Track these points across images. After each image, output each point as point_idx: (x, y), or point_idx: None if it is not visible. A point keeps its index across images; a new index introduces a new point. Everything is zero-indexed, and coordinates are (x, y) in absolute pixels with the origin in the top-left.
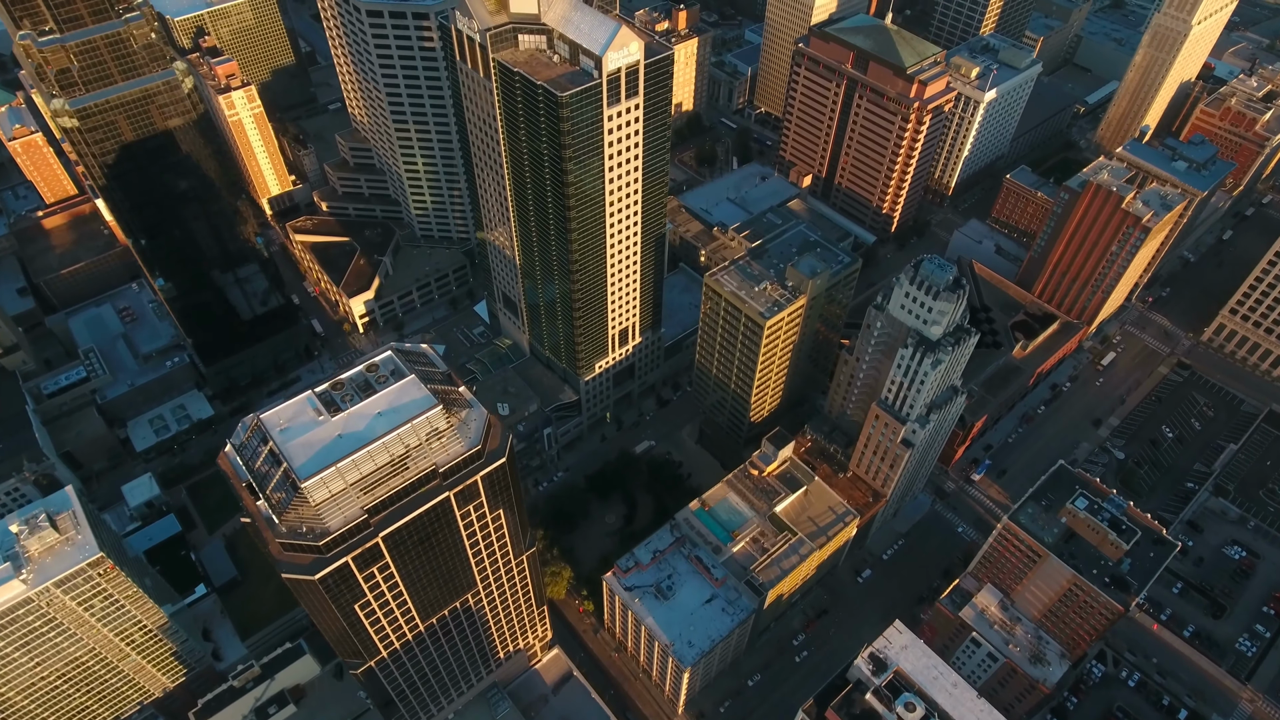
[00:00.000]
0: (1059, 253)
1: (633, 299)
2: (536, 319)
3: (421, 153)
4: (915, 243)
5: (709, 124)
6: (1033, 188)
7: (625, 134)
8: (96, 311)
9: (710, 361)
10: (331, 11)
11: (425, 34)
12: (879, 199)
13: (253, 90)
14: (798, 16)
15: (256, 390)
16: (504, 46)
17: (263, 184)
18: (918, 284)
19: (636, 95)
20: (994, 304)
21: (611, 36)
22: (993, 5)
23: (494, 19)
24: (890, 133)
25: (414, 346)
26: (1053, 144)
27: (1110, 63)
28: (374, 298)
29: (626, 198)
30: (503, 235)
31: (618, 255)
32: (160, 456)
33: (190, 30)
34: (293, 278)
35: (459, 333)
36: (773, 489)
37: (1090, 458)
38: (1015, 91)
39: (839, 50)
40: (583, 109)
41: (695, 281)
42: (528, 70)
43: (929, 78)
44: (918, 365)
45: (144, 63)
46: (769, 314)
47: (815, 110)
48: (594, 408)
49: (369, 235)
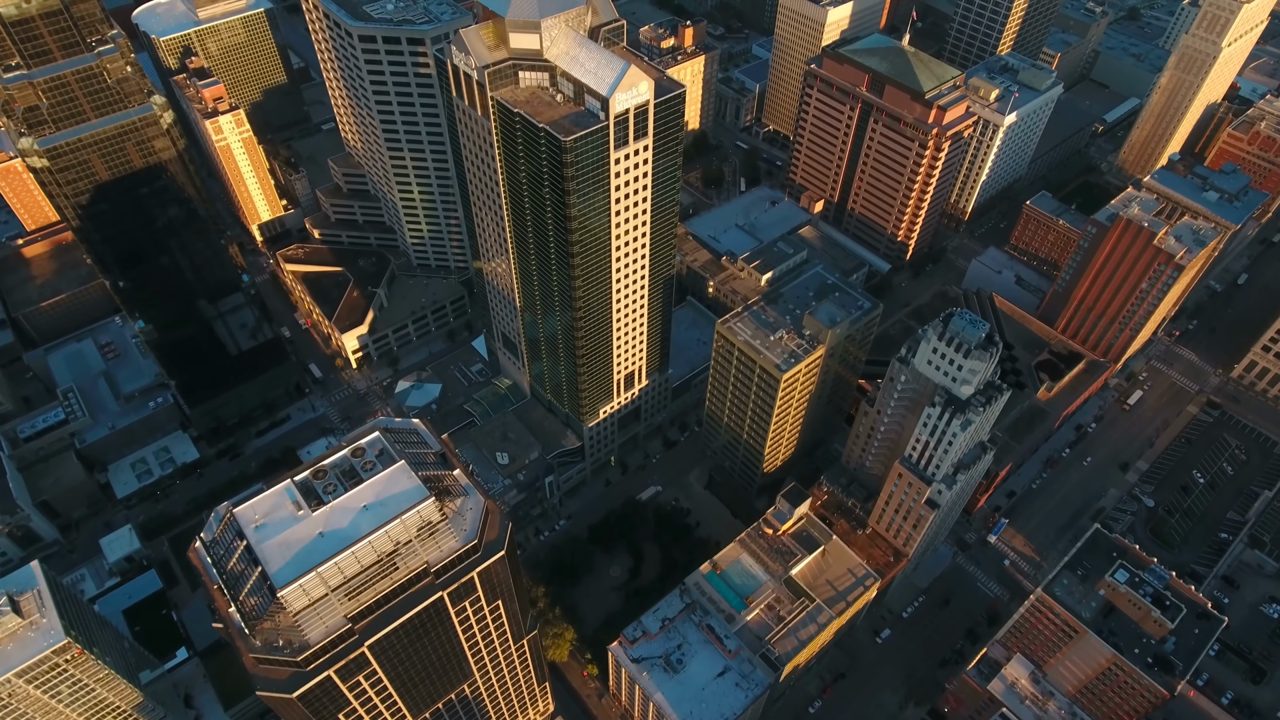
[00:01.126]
0: (1085, 288)
1: (639, 343)
2: (537, 362)
3: (418, 181)
4: (931, 270)
5: (715, 143)
6: (1054, 215)
7: (633, 176)
8: (77, 347)
9: (721, 409)
10: (323, 35)
11: (421, 60)
12: (894, 226)
13: (241, 114)
14: (808, 33)
15: (244, 430)
16: (503, 84)
17: (252, 210)
18: (947, 340)
19: (645, 136)
20: (1016, 341)
21: (619, 77)
22: (1011, 23)
23: (493, 55)
24: (907, 159)
25: (404, 423)
26: (1072, 165)
27: (1129, 79)
28: (368, 332)
29: (634, 240)
30: (501, 275)
31: (624, 298)
32: (142, 503)
33: (177, 50)
34: (284, 309)
35: (456, 370)
36: (788, 549)
37: (1119, 505)
38: (1036, 114)
39: (853, 72)
40: (588, 153)
41: (704, 316)
42: (529, 111)
43: (948, 103)
44: (945, 425)
45: (119, 97)
46: (786, 366)
47: (827, 133)
48: (598, 453)
49: (363, 265)
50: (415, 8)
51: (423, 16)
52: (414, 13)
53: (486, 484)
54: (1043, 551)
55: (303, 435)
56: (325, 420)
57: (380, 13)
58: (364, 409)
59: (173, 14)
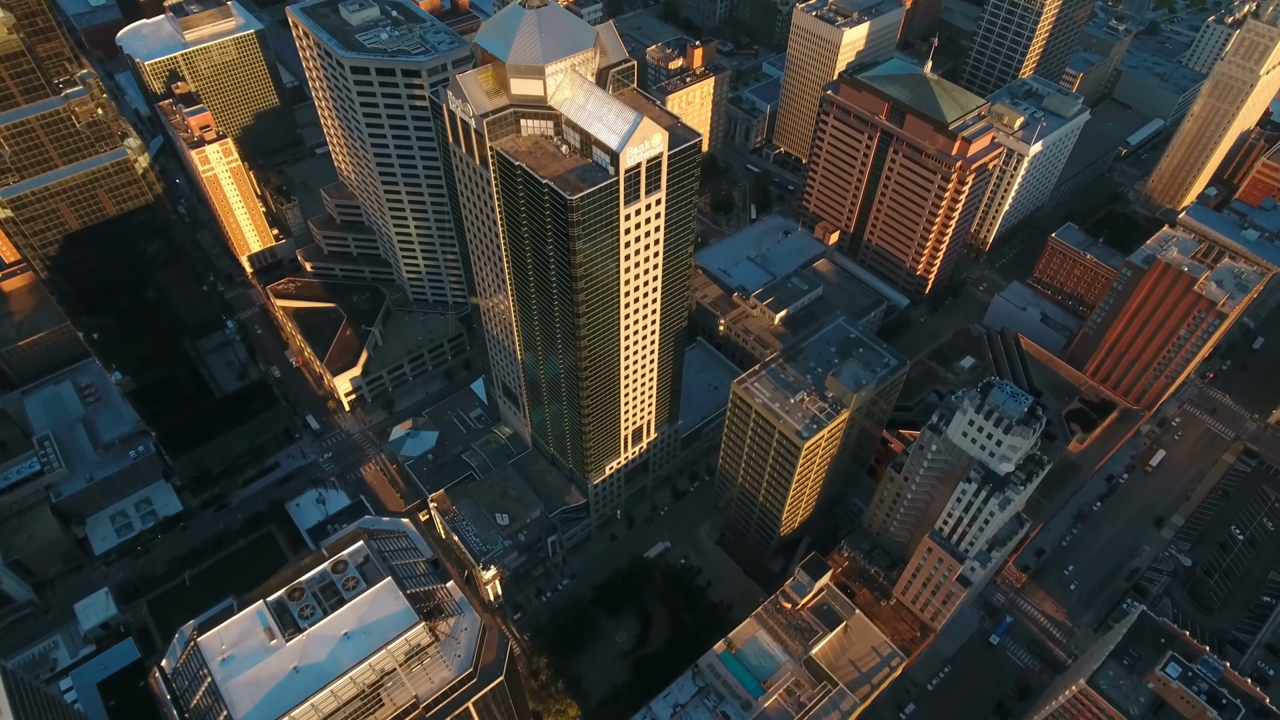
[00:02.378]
0: (1118, 332)
1: (648, 397)
2: (540, 415)
3: (414, 215)
4: (950, 304)
5: (725, 165)
6: (1080, 249)
7: (644, 231)
8: (55, 390)
9: (735, 470)
10: (314, 63)
11: (417, 93)
12: (913, 260)
13: (229, 143)
14: (823, 54)
15: (230, 479)
16: (504, 133)
17: (242, 241)
18: (986, 413)
19: (658, 189)
20: (1044, 386)
21: (630, 130)
22: (1035, 45)
23: (492, 101)
24: (928, 191)
25: (392, 524)
26: (1096, 191)
27: (1152, 99)
28: (361, 374)
29: (644, 295)
30: (501, 325)
31: (632, 354)
32: (122, 559)
33: (163, 74)
34: (274, 345)
35: (454, 416)
36: (808, 626)
37: (1154, 565)
38: (1061, 142)
39: (872, 100)
40: (595, 210)
41: (715, 359)
42: (531, 163)
43: (973, 134)
44: (982, 504)
45: (89, 143)
46: (808, 434)
47: (844, 162)
48: (603, 509)
49: (356, 300)
50: (411, 37)
51: (419, 46)
52: (409, 42)
53: (485, 545)
54: (1075, 616)
55: (292, 485)
56: (316, 469)
57: (374, 42)
58: (357, 456)
59: (159, 36)
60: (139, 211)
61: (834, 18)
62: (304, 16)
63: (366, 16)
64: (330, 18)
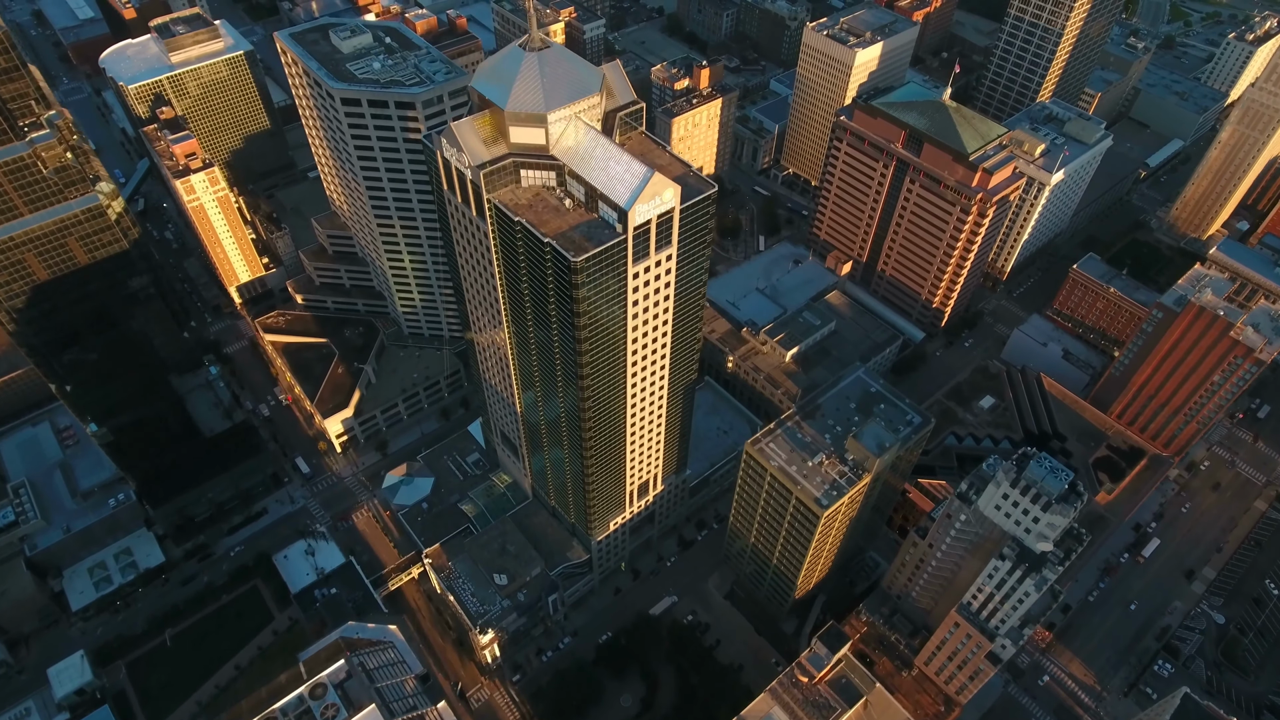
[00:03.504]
0: (1146, 375)
1: (655, 451)
2: (540, 466)
3: (408, 249)
4: (967, 336)
5: (731, 187)
6: (1103, 281)
7: (654, 288)
8: (33, 432)
9: (747, 530)
10: (303, 92)
11: (411, 125)
12: (929, 292)
13: (215, 172)
14: (834, 75)
15: (216, 526)
16: (502, 184)
17: (230, 271)
18: (1022, 488)
19: (669, 245)
20: (1069, 431)
21: (641, 186)
22: (1054, 67)
23: (490, 150)
24: (947, 223)
25: (378, 631)
26: (1115, 216)
27: (1171, 118)
28: (354, 415)
29: (652, 351)
30: (498, 377)
31: (640, 410)
32: (100, 614)
33: (148, 98)
34: (263, 381)
35: (450, 461)
36: (825, 702)
37: (1186, 623)
38: (1083, 169)
39: (888, 127)
40: (601, 270)
41: (724, 401)
42: (532, 218)
43: (994, 165)
44: (1017, 583)
45: (57, 189)
46: (828, 501)
47: (857, 191)
48: (606, 563)
49: (349, 336)
50: (405, 66)
51: (413, 77)
52: (403, 72)
53: (483, 606)
54: (1104, 678)
55: (280, 532)
56: (305, 516)
57: (365, 72)
58: (349, 502)
59: (144, 57)
60: (113, 259)
61: (846, 37)
62: (292, 43)
63: (358, 44)
64: (320, 44)
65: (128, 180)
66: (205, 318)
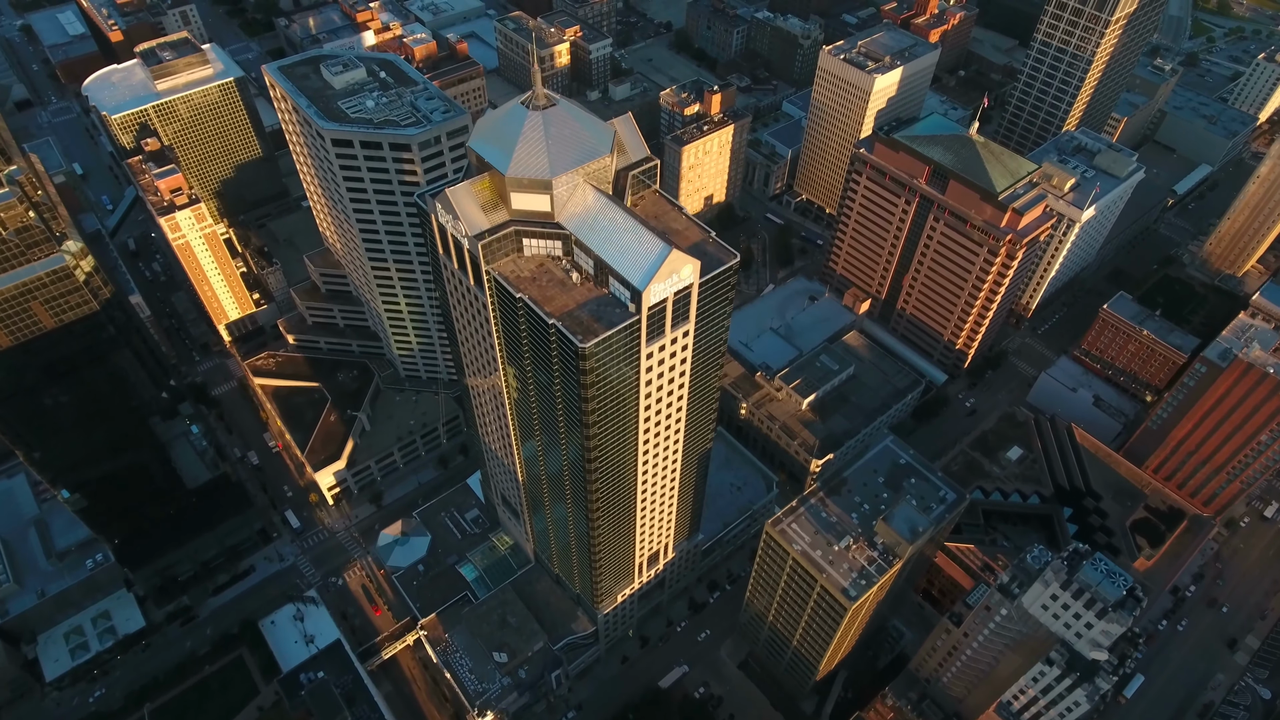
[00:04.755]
0: (1186, 430)
1: (667, 522)
2: (543, 533)
3: (405, 293)
4: (990, 377)
5: (743, 214)
6: (1135, 322)
7: (669, 365)
8: (8, 485)
9: (765, 608)
10: (293, 127)
11: (407, 168)
12: (952, 332)
13: (201, 209)
14: (851, 100)
15: (200, 586)
16: (503, 253)
17: (218, 309)
18: (1074, 591)
19: (687, 321)
20: (1103, 488)
21: (656, 264)
22: (1083, 95)
23: (489, 217)
24: (973, 264)
25: None
26: (1143, 246)
27: (1199, 143)
28: (346, 466)
29: (666, 427)
30: (498, 442)
31: (651, 484)
32: (76, 684)
33: (133, 128)
34: (252, 426)
35: (447, 518)
36: None
37: (1230, 698)
38: (1114, 203)
39: (911, 162)
40: (612, 354)
41: (737, 453)
42: (536, 294)
43: (1024, 205)
44: (1066, 692)
45: (19, 251)
46: (856, 592)
47: (877, 226)
48: (613, 633)
49: (342, 379)
50: (400, 105)
51: (408, 116)
52: (398, 111)
53: (481, 685)
54: None
55: (267, 593)
56: (295, 575)
57: (358, 110)
58: (341, 559)
59: (129, 84)
60: (83, 322)
61: (864, 62)
62: (281, 78)
63: (351, 79)
64: (311, 79)
65: (115, 207)
66: (193, 356)
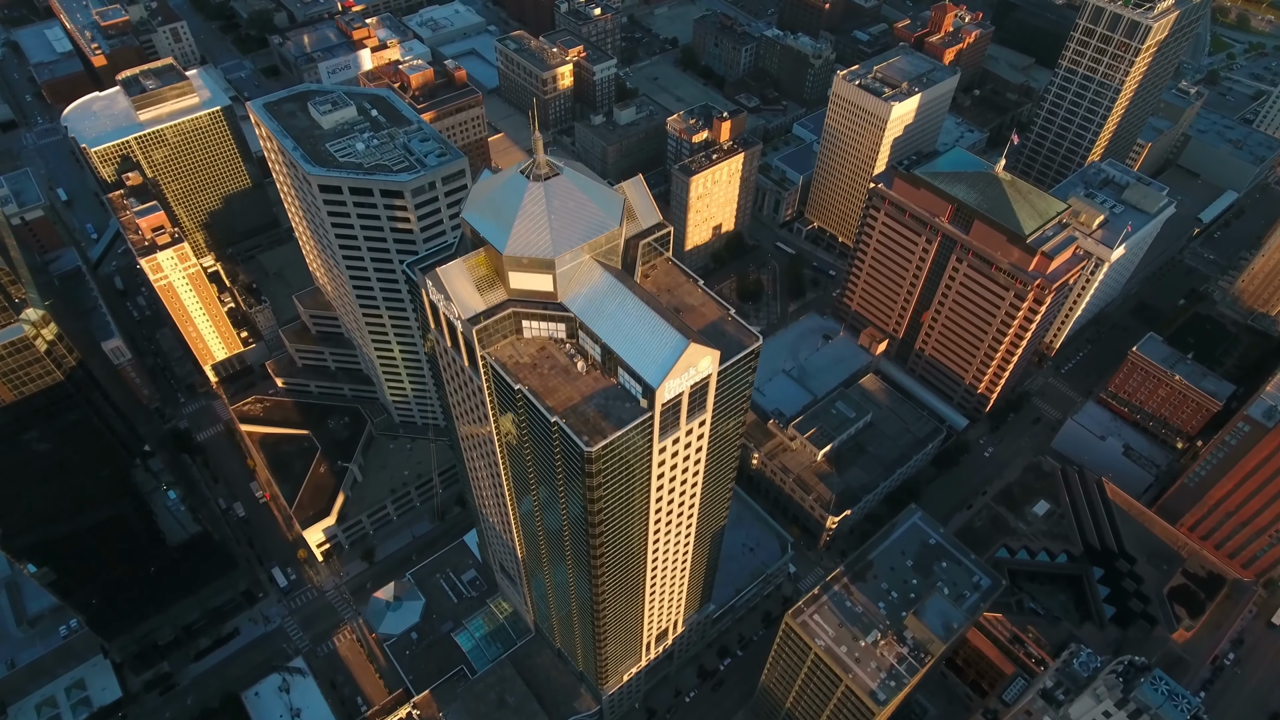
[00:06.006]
0: (1226, 490)
1: (677, 601)
2: (545, 611)
3: (399, 340)
4: (1012, 420)
5: (752, 243)
6: (1166, 366)
7: (683, 457)
8: None
9: (782, 696)
10: (280, 168)
11: (399, 215)
12: (974, 376)
13: (185, 248)
14: (866, 128)
15: (181, 651)
16: (500, 336)
17: (204, 350)
18: (1131, 712)
19: (704, 411)
20: (1138, 550)
21: (672, 360)
22: (1109, 125)
23: (485, 298)
24: (998, 308)
25: None
26: (1168, 278)
27: (1224, 168)
28: (337, 522)
29: (679, 519)
30: (498, 518)
31: (661, 568)
32: None
33: (115, 160)
34: (239, 474)
35: (442, 579)
36: None
37: None
38: (1143, 240)
39: (933, 200)
40: (621, 455)
41: (749, 510)
42: (537, 385)
43: (1054, 248)
44: None
45: None
46: (885, 695)
47: (895, 265)
48: (619, 710)
49: (333, 426)
50: (392, 147)
51: (400, 160)
52: (390, 154)
53: None
54: None
55: (252, 659)
56: (281, 639)
57: (347, 154)
58: (330, 621)
59: (111, 114)
60: (45, 393)
61: (880, 88)
62: (267, 116)
63: (340, 118)
64: (298, 117)
65: (100, 236)
66: (178, 397)
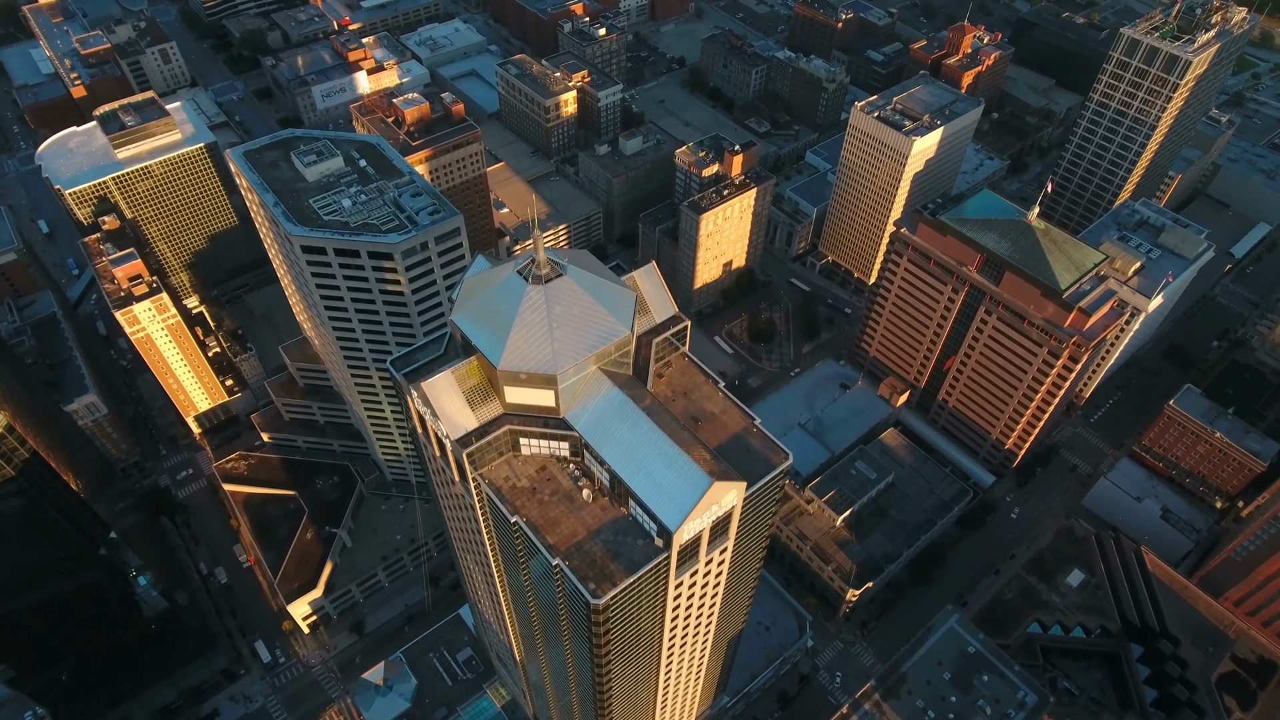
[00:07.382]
0: (1278, 567)
1: (690, 701)
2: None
3: (389, 401)
4: (1040, 476)
5: (764, 278)
6: (1205, 422)
7: (701, 586)
8: None
9: None
10: (262, 222)
11: (389, 276)
12: (1001, 431)
13: (163, 299)
14: (885, 162)
15: None
16: (494, 454)
17: (186, 401)
18: None
19: (725, 540)
20: (1179, 627)
21: (693, 501)
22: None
23: (478, 413)
24: (1030, 364)
25: None
26: (1200, 317)
27: (1255, 199)
28: (324, 594)
29: (694, 636)
30: (496, 618)
31: (673, 684)
32: None
33: (91, 202)
34: (223, 536)
35: (436, 659)
36: None
37: None
38: (1181, 286)
39: (960, 248)
40: (632, 600)
41: (764, 584)
42: (536, 515)
43: (1091, 304)
44: None
45: None
46: None
47: (918, 313)
48: None
49: (321, 487)
50: (381, 203)
51: (389, 219)
52: (378, 211)
53: None
54: None
55: None
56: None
57: (332, 211)
58: (317, 700)
59: (88, 151)
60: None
61: (900, 121)
62: (247, 167)
63: (326, 169)
64: (280, 168)
65: (81, 273)
66: (159, 449)
